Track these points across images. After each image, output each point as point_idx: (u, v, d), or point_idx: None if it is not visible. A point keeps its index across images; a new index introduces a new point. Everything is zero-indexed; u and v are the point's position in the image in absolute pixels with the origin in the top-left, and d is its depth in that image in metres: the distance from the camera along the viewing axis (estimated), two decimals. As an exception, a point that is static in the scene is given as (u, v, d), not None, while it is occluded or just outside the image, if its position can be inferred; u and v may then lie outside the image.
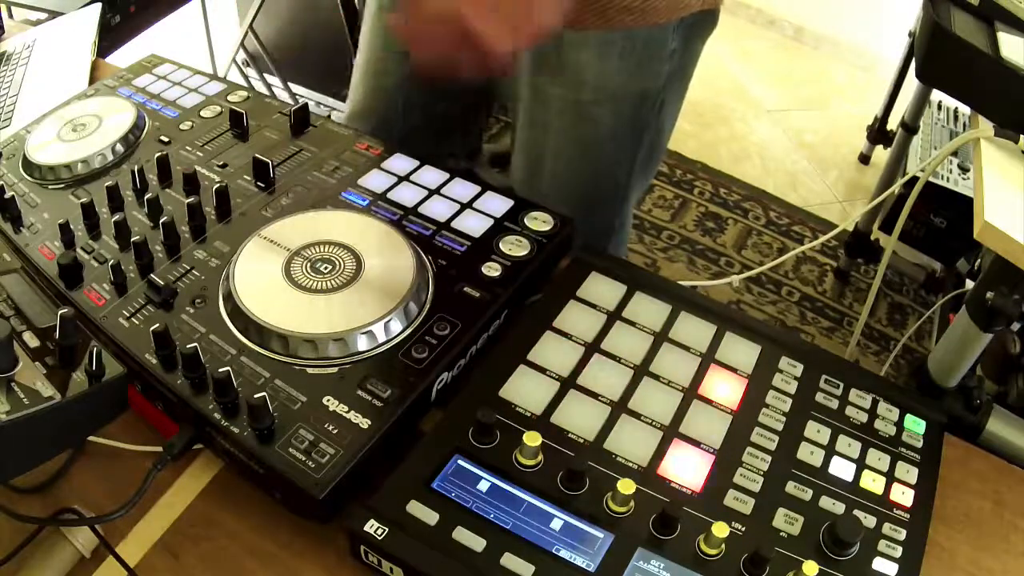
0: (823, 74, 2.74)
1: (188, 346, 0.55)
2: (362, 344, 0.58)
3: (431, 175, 0.74)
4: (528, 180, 0.98)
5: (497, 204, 0.71)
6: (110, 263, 0.63)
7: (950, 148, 0.98)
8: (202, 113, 0.82)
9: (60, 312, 0.51)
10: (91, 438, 0.58)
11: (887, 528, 0.53)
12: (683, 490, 0.54)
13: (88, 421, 0.53)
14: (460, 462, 0.54)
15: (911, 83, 1.73)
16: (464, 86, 0.98)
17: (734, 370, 0.62)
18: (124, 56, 1.28)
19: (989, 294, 0.99)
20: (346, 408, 0.55)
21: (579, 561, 0.49)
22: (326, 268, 0.63)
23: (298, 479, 0.51)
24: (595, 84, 0.88)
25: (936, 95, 1.80)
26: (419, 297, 0.61)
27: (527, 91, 0.92)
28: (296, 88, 2.20)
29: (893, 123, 2.00)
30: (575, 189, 0.96)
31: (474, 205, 0.71)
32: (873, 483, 0.55)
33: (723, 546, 0.50)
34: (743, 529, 0.52)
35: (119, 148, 0.76)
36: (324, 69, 2.13)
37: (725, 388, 0.60)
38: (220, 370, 0.54)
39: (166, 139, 0.78)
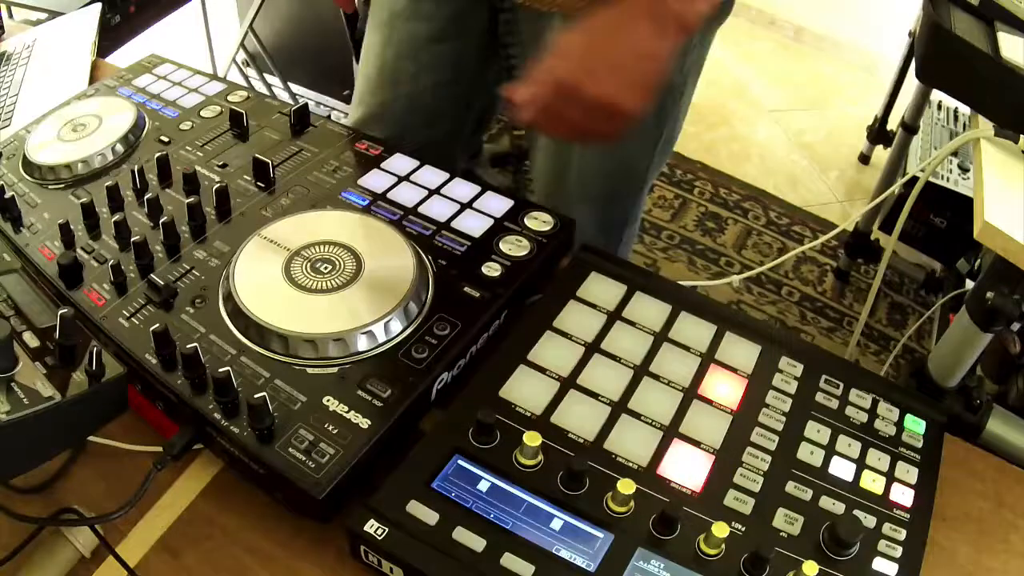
0: (823, 74, 2.74)
1: (188, 346, 0.55)
2: (362, 344, 0.58)
3: (431, 175, 0.74)
4: (554, 181, 0.99)
5: (497, 204, 0.71)
6: (110, 263, 0.63)
7: (950, 148, 0.98)
8: (202, 113, 0.82)
9: (60, 312, 0.51)
10: (91, 438, 0.58)
11: (887, 528, 0.53)
12: (683, 490, 0.54)
13: (88, 421, 0.53)
14: (460, 462, 0.54)
15: (911, 83, 1.73)
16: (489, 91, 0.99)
17: (734, 370, 0.62)
18: (124, 56, 1.28)
19: (989, 294, 0.99)
20: (346, 408, 0.55)
21: (579, 561, 0.49)
22: (326, 268, 0.63)
23: (298, 479, 0.51)
24: None
25: (936, 95, 1.80)
26: (419, 297, 0.61)
27: None
28: (296, 88, 2.20)
29: (893, 123, 1.99)
30: (600, 184, 0.97)
31: (474, 205, 0.71)
32: (873, 483, 0.55)
33: (723, 546, 0.50)
34: (743, 529, 0.52)
35: (119, 148, 0.76)
36: (324, 69, 2.13)
37: (725, 388, 0.60)
38: (220, 370, 0.54)
39: (166, 139, 0.78)
